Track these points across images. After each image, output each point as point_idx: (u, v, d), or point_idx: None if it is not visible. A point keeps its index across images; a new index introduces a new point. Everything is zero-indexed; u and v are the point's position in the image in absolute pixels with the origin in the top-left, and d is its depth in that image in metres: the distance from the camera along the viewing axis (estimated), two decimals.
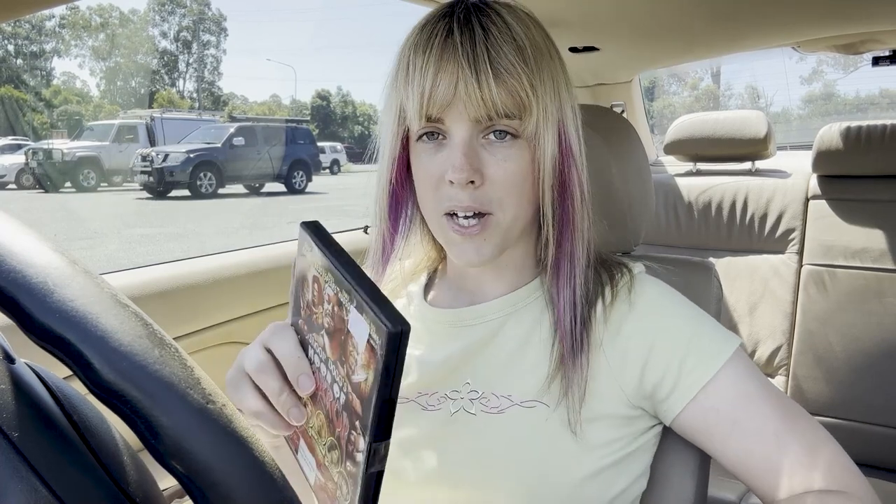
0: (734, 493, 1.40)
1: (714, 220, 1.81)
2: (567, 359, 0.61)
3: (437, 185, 0.60)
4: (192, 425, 0.28)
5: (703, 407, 0.60)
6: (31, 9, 0.72)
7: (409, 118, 0.59)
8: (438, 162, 0.60)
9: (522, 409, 0.62)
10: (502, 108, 0.56)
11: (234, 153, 13.84)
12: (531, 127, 0.58)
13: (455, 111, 0.57)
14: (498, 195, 0.59)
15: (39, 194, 13.71)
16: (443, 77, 0.56)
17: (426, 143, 0.61)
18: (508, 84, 0.56)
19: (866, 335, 1.59)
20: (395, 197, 0.66)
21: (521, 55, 0.57)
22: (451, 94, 0.56)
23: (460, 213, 0.59)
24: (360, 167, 22.12)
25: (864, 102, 35.77)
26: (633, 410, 0.62)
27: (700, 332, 0.62)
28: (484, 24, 0.57)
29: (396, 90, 0.61)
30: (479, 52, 0.56)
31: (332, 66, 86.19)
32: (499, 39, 0.57)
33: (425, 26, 0.59)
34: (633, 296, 0.64)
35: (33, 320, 0.27)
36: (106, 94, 41.90)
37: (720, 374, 0.59)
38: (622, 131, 0.82)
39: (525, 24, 0.59)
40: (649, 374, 0.61)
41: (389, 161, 0.64)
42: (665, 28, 1.40)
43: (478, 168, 0.58)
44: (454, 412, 0.64)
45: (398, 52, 0.62)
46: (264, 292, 1.25)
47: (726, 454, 0.59)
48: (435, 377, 0.66)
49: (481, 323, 0.66)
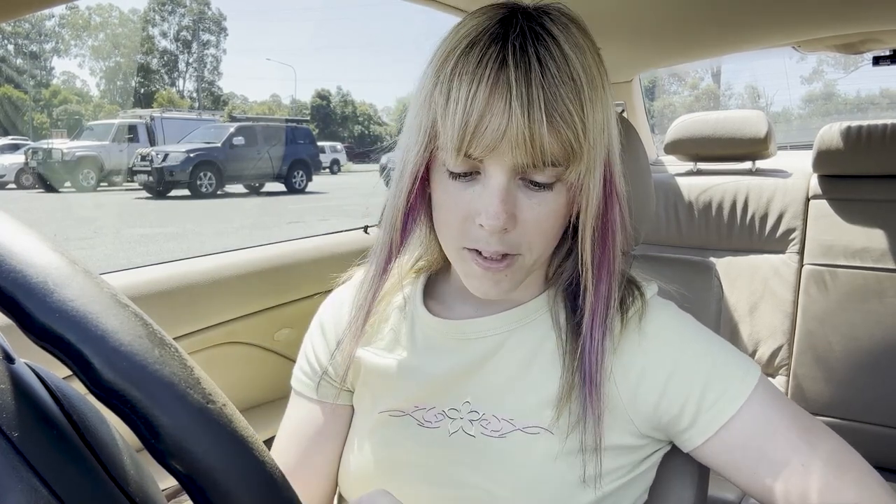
0: (734, 493, 1.40)
1: (714, 219, 1.81)
2: (581, 394, 0.58)
3: (463, 221, 0.56)
4: (192, 425, 0.28)
5: (725, 442, 0.58)
6: (31, 9, 0.71)
7: (443, 148, 0.54)
8: (468, 199, 0.55)
9: (524, 435, 0.59)
10: (551, 156, 0.52)
11: (234, 153, 13.84)
12: (574, 174, 0.54)
13: (498, 154, 0.52)
14: (528, 238, 0.56)
15: (39, 194, 13.70)
16: (492, 117, 0.51)
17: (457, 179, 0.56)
18: (561, 133, 0.51)
19: (867, 335, 1.59)
20: (410, 211, 0.62)
21: (578, 98, 0.52)
22: (497, 138, 0.51)
23: (485, 253, 0.55)
24: (360, 167, 22.12)
25: (865, 102, 35.78)
26: (640, 440, 0.61)
27: (719, 362, 0.60)
28: (542, 56, 0.51)
29: (430, 111, 0.55)
30: (534, 95, 0.50)
31: (332, 66, 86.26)
32: (556, 79, 0.51)
33: (473, 48, 0.53)
34: (644, 324, 0.61)
35: (33, 320, 0.27)
36: (106, 94, 41.92)
37: (743, 409, 0.57)
38: (622, 131, 0.82)
39: (582, 51, 0.54)
40: (665, 407, 0.59)
41: (410, 181, 0.58)
42: (665, 28, 1.40)
43: (512, 213, 0.54)
44: (453, 433, 0.62)
45: (435, 64, 0.55)
46: (264, 292, 1.25)
47: (754, 487, 0.58)
48: (432, 391, 0.64)
49: (483, 338, 0.63)
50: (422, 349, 0.66)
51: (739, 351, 0.62)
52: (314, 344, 0.72)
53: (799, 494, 0.55)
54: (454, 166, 0.55)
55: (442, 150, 0.55)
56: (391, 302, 0.70)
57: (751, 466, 0.57)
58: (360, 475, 0.65)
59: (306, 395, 0.71)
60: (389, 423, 0.65)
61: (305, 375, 0.72)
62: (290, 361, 1.29)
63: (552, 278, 0.66)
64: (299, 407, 0.72)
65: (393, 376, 0.65)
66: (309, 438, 0.70)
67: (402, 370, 0.65)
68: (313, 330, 0.74)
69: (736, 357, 0.61)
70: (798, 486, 0.55)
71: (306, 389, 0.71)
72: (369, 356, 0.67)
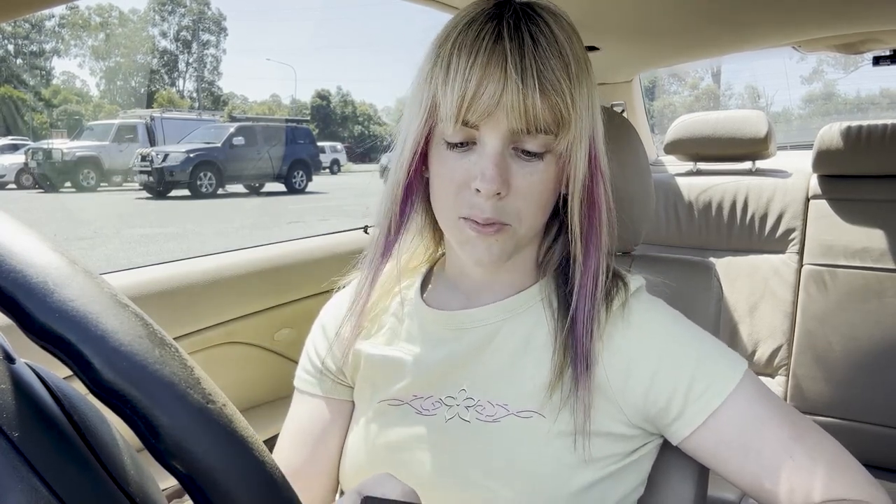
0: (734, 493, 1.40)
1: (714, 219, 1.81)
2: (572, 372, 0.60)
3: (458, 189, 0.59)
4: (192, 425, 0.28)
5: (712, 433, 0.59)
6: (31, 9, 0.72)
7: (442, 118, 0.58)
8: (465, 167, 0.58)
9: (517, 419, 0.61)
10: (543, 123, 0.55)
11: (234, 153, 13.84)
12: (564, 143, 0.58)
13: (493, 120, 0.56)
14: (519, 207, 0.59)
15: (39, 194, 13.71)
16: (489, 84, 0.55)
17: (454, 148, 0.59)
18: (552, 99, 0.55)
19: (866, 335, 1.59)
20: (408, 188, 0.64)
21: (566, 71, 0.56)
22: (493, 104, 0.55)
23: (479, 220, 0.58)
24: (360, 167, 22.12)
25: (865, 102, 35.78)
26: (631, 430, 0.62)
27: (706, 355, 0.61)
28: (533, 33, 0.56)
29: (430, 85, 0.58)
30: (527, 64, 0.54)
31: (332, 66, 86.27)
32: (547, 52, 0.55)
33: (472, 25, 0.57)
34: (629, 315, 0.63)
35: (33, 320, 0.27)
36: (106, 94, 41.93)
37: (729, 401, 0.59)
38: (622, 131, 0.82)
39: (569, 35, 0.58)
40: (653, 399, 0.60)
41: (410, 154, 0.62)
42: (665, 28, 1.40)
43: (506, 179, 0.57)
44: (449, 419, 0.63)
45: (435, 43, 0.60)
46: (264, 292, 1.25)
47: (742, 480, 0.59)
48: (430, 379, 0.65)
49: (478, 327, 0.65)
50: (419, 340, 0.67)
51: (726, 346, 0.64)
52: (316, 344, 0.74)
53: (787, 487, 0.56)
54: (452, 136, 0.58)
55: (441, 123, 0.58)
56: (391, 293, 0.71)
57: (738, 458, 0.58)
58: (359, 462, 0.67)
59: (310, 392, 0.73)
60: (388, 411, 0.66)
61: (308, 374, 0.73)
62: (290, 361, 1.29)
63: (542, 264, 0.67)
64: (303, 405, 0.73)
65: (392, 368, 0.67)
66: (314, 436, 0.71)
67: (401, 361, 0.67)
68: (315, 331, 0.75)
69: (722, 351, 0.62)
70: (786, 479, 0.56)
71: (310, 387, 0.73)
72: (369, 350, 0.69)
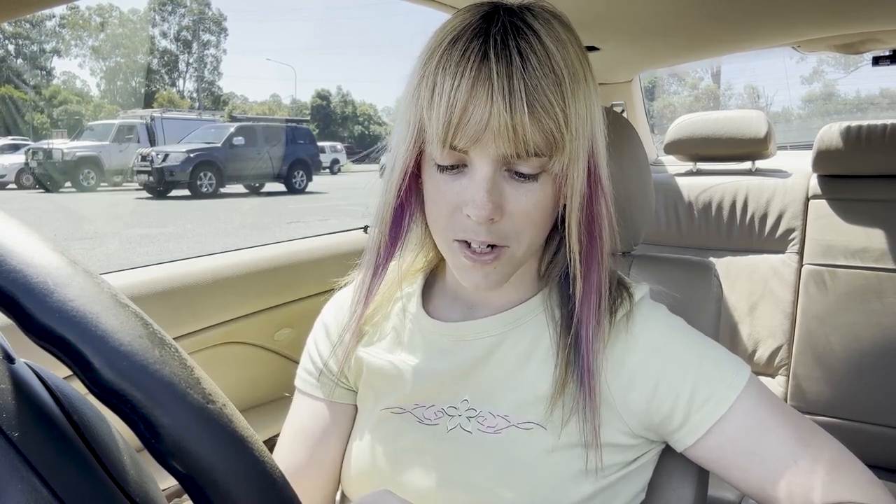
0: (734, 494, 1.40)
1: (714, 219, 1.81)
2: (575, 386, 0.59)
3: (451, 212, 0.57)
4: (192, 425, 0.28)
5: (717, 441, 0.59)
6: (31, 9, 0.72)
7: (429, 141, 0.55)
8: (456, 190, 0.56)
9: (519, 431, 0.61)
10: (533, 147, 0.53)
11: (235, 153, 13.82)
12: (559, 165, 0.55)
13: (482, 145, 0.53)
14: (516, 229, 0.57)
15: (39, 194, 13.70)
16: (475, 109, 0.52)
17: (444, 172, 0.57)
18: (543, 123, 0.53)
19: (866, 335, 1.59)
20: (400, 208, 0.63)
21: (559, 89, 0.53)
22: (481, 129, 0.52)
23: (474, 244, 0.57)
24: (360, 167, 22.12)
25: (865, 102, 35.73)
26: (633, 439, 0.62)
27: (708, 362, 0.60)
28: (522, 49, 0.53)
29: (417, 106, 0.56)
30: (515, 86, 0.51)
31: (332, 66, 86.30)
32: (538, 71, 0.52)
33: (456, 43, 0.54)
34: (631, 325, 0.62)
35: (33, 320, 0.27)
36: (106, 94, 41.91)
37: (734, 408, 0.58)
38: (622, 131, 0.82)
39: (564, 45, 0.55)
40: (656, 408, 0.60)
41: (400, 175, 0.60)
42: (665, 28, 1.39)
43: (499, 204, 0.55)
44: (451, 429, 0.63)
45: (421, 60, 0.57)
46: (264, 292, 1.25)
47: (747, 484, 0.58)
48: (432, 388, 0.65)
49: (480, 338, 0.64)
50: (421, 350, 0.67)
51: (729, 352, 0.63)
52: (318, 344, 0.74)
53: (792, 492, 0.56)
54: (441, 159, 0.56)
55: (429, 144, 0.56)
56: (392, 299, 0.71)
57: (743, 465, 0.58)
58: (361, 469, 0.66)
59: (311, 393, 0.72)
60: (390, 419, 0.66)
61: (309, 374, 0.73)
62: (290, 361, 1.29)
63: (545, 275, 0.67)
64: (304, 405, 0.73)
65: (394, 375, 0.66)
66: (315, 437, 0.71)
67: (403, 369, 0.66)
68: (317, 331, 0.75)
69: (725, 357, 0.62)
70: (791, 483, 0.56)
71: (311, 388, 0.72)
72: (372, 357, 0.68)
